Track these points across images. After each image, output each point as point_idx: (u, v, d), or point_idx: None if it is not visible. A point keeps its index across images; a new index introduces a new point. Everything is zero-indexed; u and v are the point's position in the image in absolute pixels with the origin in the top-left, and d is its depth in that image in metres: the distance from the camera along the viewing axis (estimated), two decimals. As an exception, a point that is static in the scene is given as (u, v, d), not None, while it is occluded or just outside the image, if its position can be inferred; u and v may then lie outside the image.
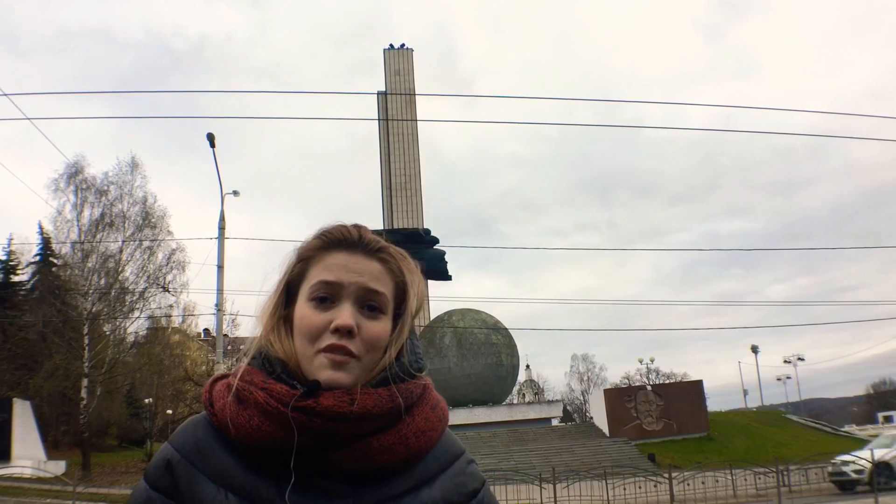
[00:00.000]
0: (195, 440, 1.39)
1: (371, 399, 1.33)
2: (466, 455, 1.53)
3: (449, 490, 1.43)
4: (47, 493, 28.51)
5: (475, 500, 1.47)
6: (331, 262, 1.41)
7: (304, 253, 1.46)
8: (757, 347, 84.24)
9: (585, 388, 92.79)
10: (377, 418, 1.34)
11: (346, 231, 1.45)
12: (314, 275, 1.41)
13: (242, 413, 1.33)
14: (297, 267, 1.45)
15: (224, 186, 27.12)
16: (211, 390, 1.45)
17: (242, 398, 1.35)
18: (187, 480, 1.34)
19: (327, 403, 1.30)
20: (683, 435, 51.07)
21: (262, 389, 1.34)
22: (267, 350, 1.41)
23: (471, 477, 1.49)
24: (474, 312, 65.35)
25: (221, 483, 1.33)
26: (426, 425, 1.42)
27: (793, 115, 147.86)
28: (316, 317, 1.36)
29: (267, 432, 1.31)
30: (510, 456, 45.03)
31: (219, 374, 1.50)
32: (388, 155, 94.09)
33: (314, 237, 1.47)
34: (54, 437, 49.02)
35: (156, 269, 46.62)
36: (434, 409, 1.47)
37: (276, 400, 1.31)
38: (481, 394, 60.82)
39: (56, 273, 50.49)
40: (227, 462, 1.35)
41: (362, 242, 1.44)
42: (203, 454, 1.36)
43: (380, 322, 1.39)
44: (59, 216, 45.21)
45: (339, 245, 1.43)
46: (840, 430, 65.11)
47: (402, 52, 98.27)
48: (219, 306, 26.45)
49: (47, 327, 44.00)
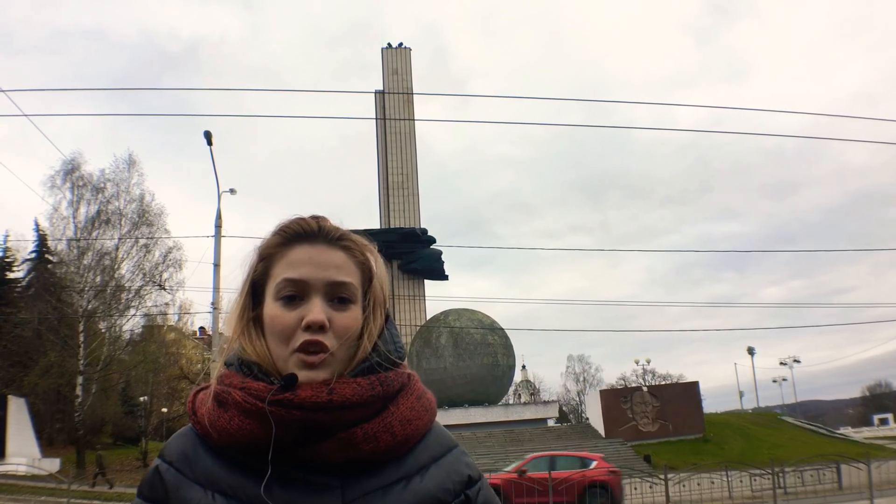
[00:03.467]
0: (181, 449, 1.39)
1: (349, 388, 1.32)
2: (460, 448, 1.51)
3: (442, 480, 1.41)
4: (42, 490, 28.50)
5: (472, 489, 1.45)
6: (293, 257, 1.39)
7: (265, 251, 1.43)
8: (753, 349, 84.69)
9: (581, 389, 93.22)
10: (358, 407, 1.33)
11: (305, 223, 1.43)
12: (278, 272, 1.39)
13: (223, 416, 1.33)
14: (259, 266, 1.43)
15: (220, 185, 27.13)
16: (194, 400, 1.45)
17: (222, 401, 1.35)
18: (175, 487, 1.34)
19: (305, 395, 1.29)
20: (679, 436, 51.11)
21: (240, 389, 1.33)
22: (240, 353, 1.40)
23: (465, 466, 1.47)
24: (470, 312, 65.38)
25: (208, 486, 1.32)
26: (411, 414, 1.41)
27: (783, 117, 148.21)
28: (286, 316, 1.35)
29: (248, 431, 1.30)
30: (506, 456, 44.95)
31: (200, 386, 1.49)
32: (385, 154, 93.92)
33: (273, 233, 1.44)
34: (49, 435, 49.02)
35: (152, 266, 46.72)
36: (420, 398, 1.45)
37: (254, 397, 1.30)
38: (477, 394, 60.83)
39: (52, 270, 50.46)
40: (212, 466, 1.34)
41: (323, 233, 1.42)
42: (190, 461, 1.37)
43: (350, 312, 1.38)
44: (56, 213, 45.31)
45: (299, 238, 1.41)
46: (836, 433, 65.26)
47: (400, 50, 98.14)
48: (215, 305, 26.43)
49: (43, 324, 44.01)
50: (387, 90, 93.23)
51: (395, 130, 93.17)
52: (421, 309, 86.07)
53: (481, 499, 1.46)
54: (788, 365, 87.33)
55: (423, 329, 65.26)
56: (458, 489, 1.43)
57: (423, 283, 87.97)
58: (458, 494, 1.42)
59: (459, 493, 1.43)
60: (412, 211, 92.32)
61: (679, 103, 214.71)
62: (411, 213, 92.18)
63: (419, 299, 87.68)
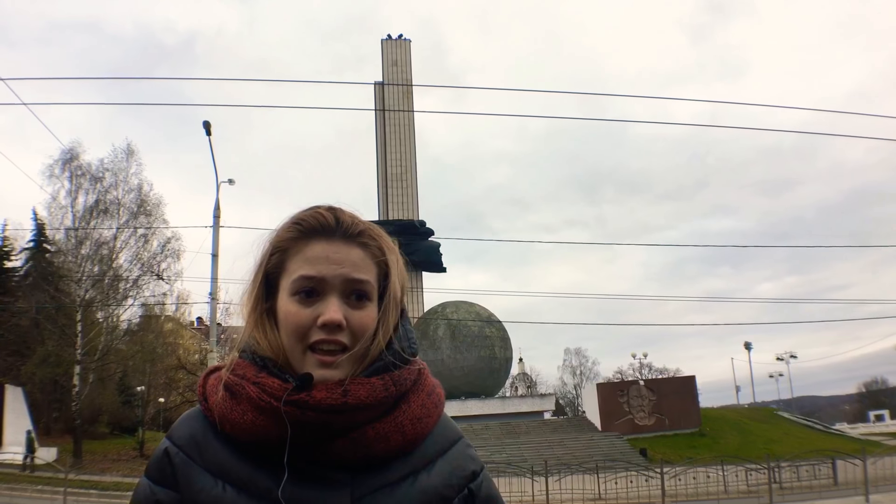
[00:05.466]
0: (191, 433, 1.38)
1: (364, 389, 1.32)
2: (465, 440, 1.51)
3: (447, 475, 1.42)
4: (39, 479, 28.51)
5: (474, 483, 1.46)
6: (310, 253, 1.36)
7: (280, 243, 1.40)
8: (750, 344, 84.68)
9: (578, 383, 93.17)
10: (371, 408, 1.33)
11: (322, 217, 1.40)
12: (294, 268, 1.36)
13: (236, 408, 1.32)
14: (274, 259, 1.40)
15: (219, 175, 27.09)
16: (205, 384, 1.44)
17: (235, 392, 1.34)
18: (185, 473, 1.34)
19: (320, 396, 1.28)
20: (675, 430, 51.25)
21: (254, 384, 1.32)
22: (254, 347, 1.39)
23: (470, 460, 1.48)
24: (468, 305, 65.48)
25: (219, 475, 1.32)
26: (422, 412, 1.41)
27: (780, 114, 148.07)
28: (301, 313, 1.33)
29: (261, 427, 1.29)
30: (502, 449, 45.14)
31: (212, 367, 1.48)
32: (384, 146, 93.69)
33: (288, 226, 1.41)
34: (46, 424, 48.92)
35: (150, 256, 46.56)
36: (430, 395, 1.46)
37: (269, 395, 1.29)
38: (474, 386, 60.97)
39: (49, 259, 50.29)
40: (223, 455, 1.34)
41: (341, 228, 1.39)
42: (200, 447, 1.36)
43: (367, 310, 1.37)
44: (54, 202, 45.09)
45: (316, 234, 1.39)
46: (831, 428, 65.51)
47: (400, 42, 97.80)
48: (213, 295, 26.44)
49: (40, 314, 43.88)
50: (386, 81, 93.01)
51: (394, 122, 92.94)
52: (419, 301, 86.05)
53: (484, 492, 1.47)
54: (785, 360, 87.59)
55: (420, 321, 65.28)
56: (463, 484, 1.44)
57: (420, 275, 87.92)
58: (461, 489, 1.43)
59: (463, 488, 1.44)
60: (410, 203, 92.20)
61: (675, 97, 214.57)
62: (410, 205, 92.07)
63: (417, 291, 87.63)
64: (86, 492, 27.09)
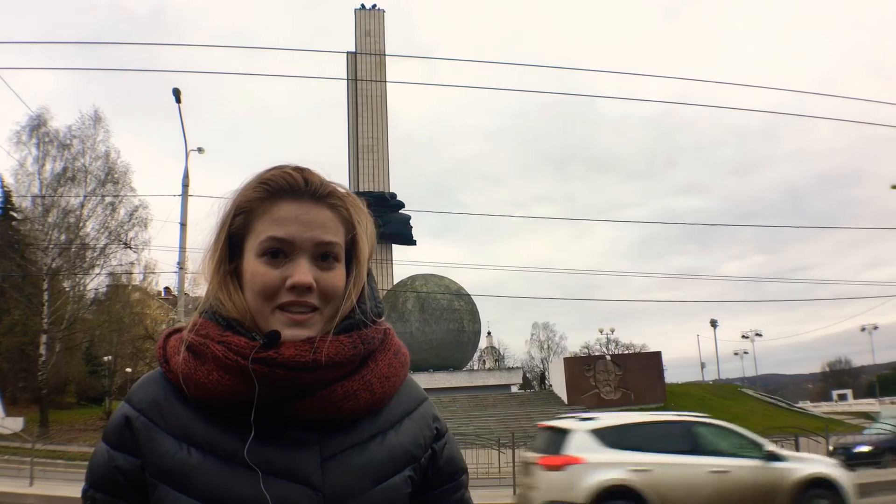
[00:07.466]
0: (153, 396, 1.34)
1: (333, 347, 1.31)
2: (429, 401, 1.53)
3: (414, 433, 1.44)
4: (5, 449, 28.32)
5: (439, 442, 1.48)
6: (278, 214, 1.33)
7: (245, 204, 1.36)
8: (716, 321, 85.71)
9: (545, 357, 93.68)
10: (340, 366, 1.32)
11: (291, 177, 1.36)
12: (262, 229, 1.33)
13: (200, 368, 1.29)
14: (238, 219, 1.36)
15: (188, 143, 26.82)
16: (165, 346, 1.40)
17: (199, 353, 1.31)
18: (146, 436, 1.30)
19: (289, 353, 1.27)
20: (641, 405, 51.78)
21: (219, 343, 1.29)
22: (217, 308, 1.35)
23: (434, 419, 1.50)
24: (437, 278, 65.52)
25: (182, 438, 1.29)
26: (389, 371, 1.41)
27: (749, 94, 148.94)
28: (269, 273, 1.31)
29: (227, 386, 1.27)
30: (469, 421, 45.52)
31: (171, 329, 1.45)
32: (355, 117, 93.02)
33: (254, 185, 1.37)
34: (12, 394, 48.56)
35: (117, 225, 46.23)
36: (397, 354, 1.46)
37: (236, 353, 1.27)
38: (442, 359, 61.18)
39: (16, 227, 49.63)
40: (186, 416, 1.30)
41: (309, 189, 1.36)
42: (161, 410, 1.32)
43: (336, 271, 1.35)
44: (21, 169, 44.62)
45: (284, 194, 1.35)
46: (795, 406, 66.62)
47: (374, 12, 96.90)
48: (181, 265, 26.28)
49: (6, 282, 43.44)
50: (359, 51, 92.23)
51: (366, 93, 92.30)
52: (388, 273, 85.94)
53: (446, 453, 1.50)
54: (750, 338, 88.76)
55: (389, 293, 65.31)
56: (428, 443, 1.46)
57: (390, 247, 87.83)
58: (427, 448, 1.46)
59: (428, 448, 1.46)
60: (382, 175, 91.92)
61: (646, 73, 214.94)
62: (381, 177, 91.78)
63: (387, 263, 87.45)
64: (52, 462, 26.99)
